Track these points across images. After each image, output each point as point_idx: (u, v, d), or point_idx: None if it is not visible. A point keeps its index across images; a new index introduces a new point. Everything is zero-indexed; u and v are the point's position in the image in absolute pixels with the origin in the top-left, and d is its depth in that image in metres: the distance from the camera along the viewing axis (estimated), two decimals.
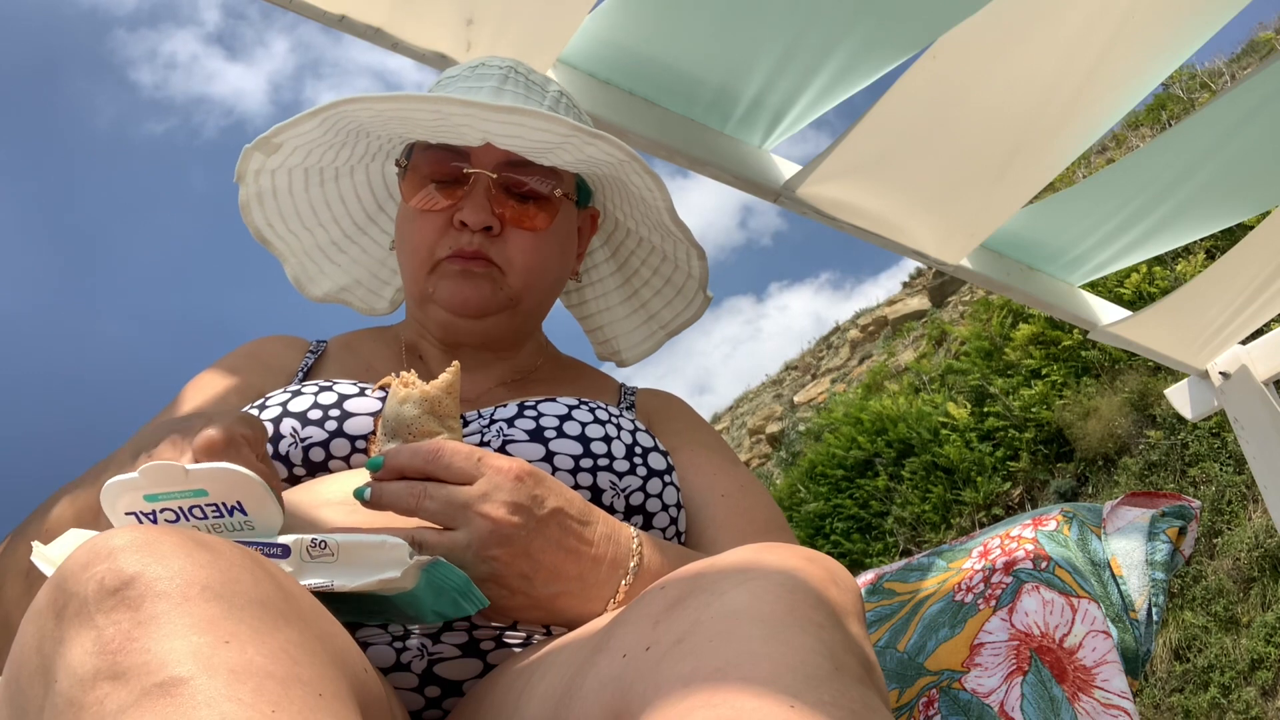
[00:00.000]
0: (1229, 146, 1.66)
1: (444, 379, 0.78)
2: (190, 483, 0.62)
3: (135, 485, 0.62)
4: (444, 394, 0.77)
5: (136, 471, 0.62)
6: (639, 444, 0.91)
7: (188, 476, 0.62)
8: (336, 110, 0.91)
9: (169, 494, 0.62)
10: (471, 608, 0.67)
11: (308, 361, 1.04)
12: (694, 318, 1.14)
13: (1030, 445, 6.74)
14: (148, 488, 0.62)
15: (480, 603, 0.67)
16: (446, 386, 0.78)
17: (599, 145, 0.92)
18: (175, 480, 0.62)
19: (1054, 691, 0.82)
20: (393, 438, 0.76)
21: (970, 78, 1.49)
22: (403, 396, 0.77)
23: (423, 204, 0.98)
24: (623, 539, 0.78)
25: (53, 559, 0.62)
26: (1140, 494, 1.04)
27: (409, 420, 0.76)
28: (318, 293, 1.17)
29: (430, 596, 0.65)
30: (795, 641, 0.50)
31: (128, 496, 0.63)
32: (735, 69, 1.41)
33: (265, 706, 0.44)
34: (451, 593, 0.66)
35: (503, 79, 0.99)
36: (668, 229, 1.05)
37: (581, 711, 0.55)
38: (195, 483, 0.62)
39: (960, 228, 1.77)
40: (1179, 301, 2.11)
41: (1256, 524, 5.13)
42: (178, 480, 0.62)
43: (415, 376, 0.79)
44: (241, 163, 1.01)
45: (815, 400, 10.87)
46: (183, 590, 0.48)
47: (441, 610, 0.66)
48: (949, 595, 0.96)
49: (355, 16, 1.19)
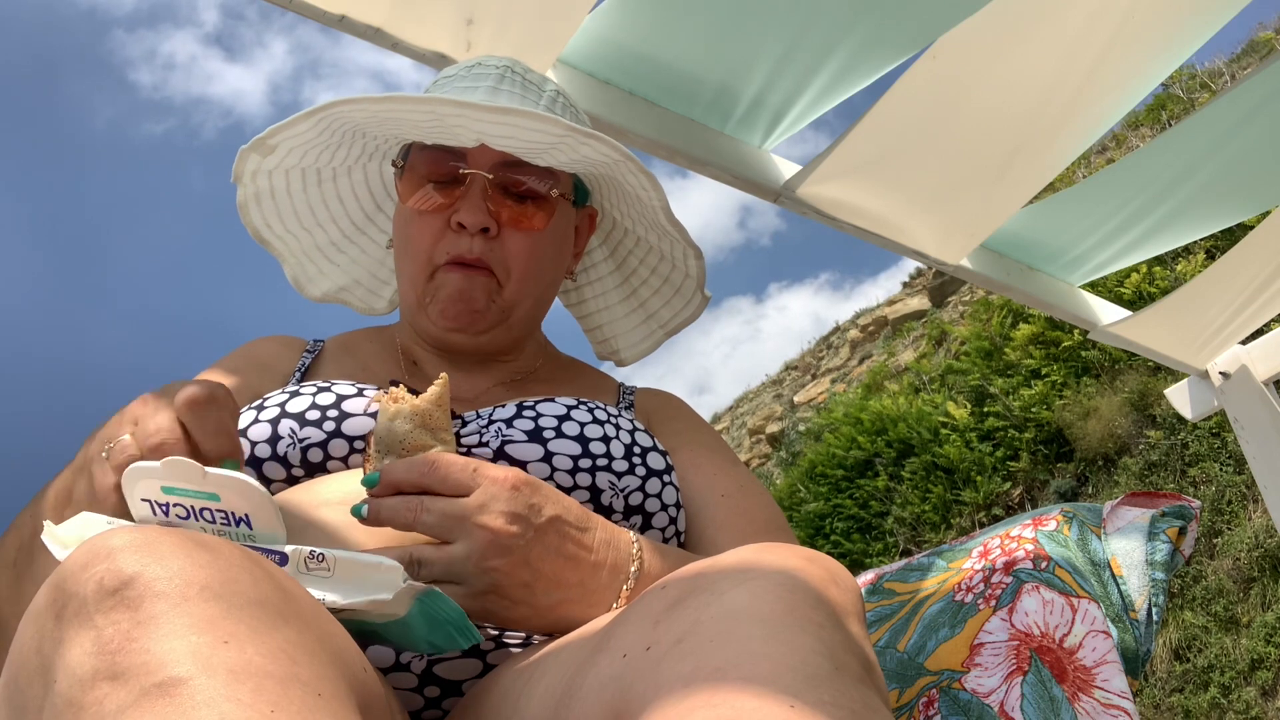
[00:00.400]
0: (1229, 146, 1.66)
1: (433, 392, 0.78)
2: (205, 485, 0.63)
3: (156, 474, 0.63)
4: (434, 407, 0.77)
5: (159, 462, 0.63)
6: (638, 444, 0.90)
7: (204, 479, 0.63)
8: (331, 111, 0.91)
9: (185, 490, 0.63)
10: (466, 642, 0.66)
11: (305, 361, 1.03)
12: (692, 317, 1.14)
13: (1030, 445, 6.73)
14: (166, 479, 0.63)
15: (475, 637, 0.67)
16: (435, 399, 0.78)
17: (593, 145, 0.91)
18: (192, 479, 0.63)
19: (1054, 691, 0.82)
20: (386, 454, 0.76)
21: (970, 78, 1.49)
22: (393, 413, 0.77)
23: (419, 205, 0.98)
24: (622, 544, 0.77)
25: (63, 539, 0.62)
26: (1140, 494, 1.04)
27: (401, 435, 0.76)
28: (316, 293, 1.17)
29: (424, 627, 0.65)
30: (795, 641, 0.50)
31: (146, 483, 0.63)
32: (735, 69, 1.41)
33: (264, 706, 0.44)
34: (446, 625, 0.65)
35: (499, 79, 0.98)
36: (664, 229, 1.05)
37: (581, 711, 0.55)
38: (210, 486, 0.63)
39: (960, 228, 1.77)
40: (1179, 301, 2.11)
41: (1256, 524, 5.12)
42: (194, 480, 0.63)
43: (404, 391, 0.78)
44: (238, 164, 1.01)
45: (815, 400, 10.87)
46: (182, 590, 0.48)
47: (435, 642, 0.66)
48: (949, 595, 0.96)
49: (355, 16, 1.19)
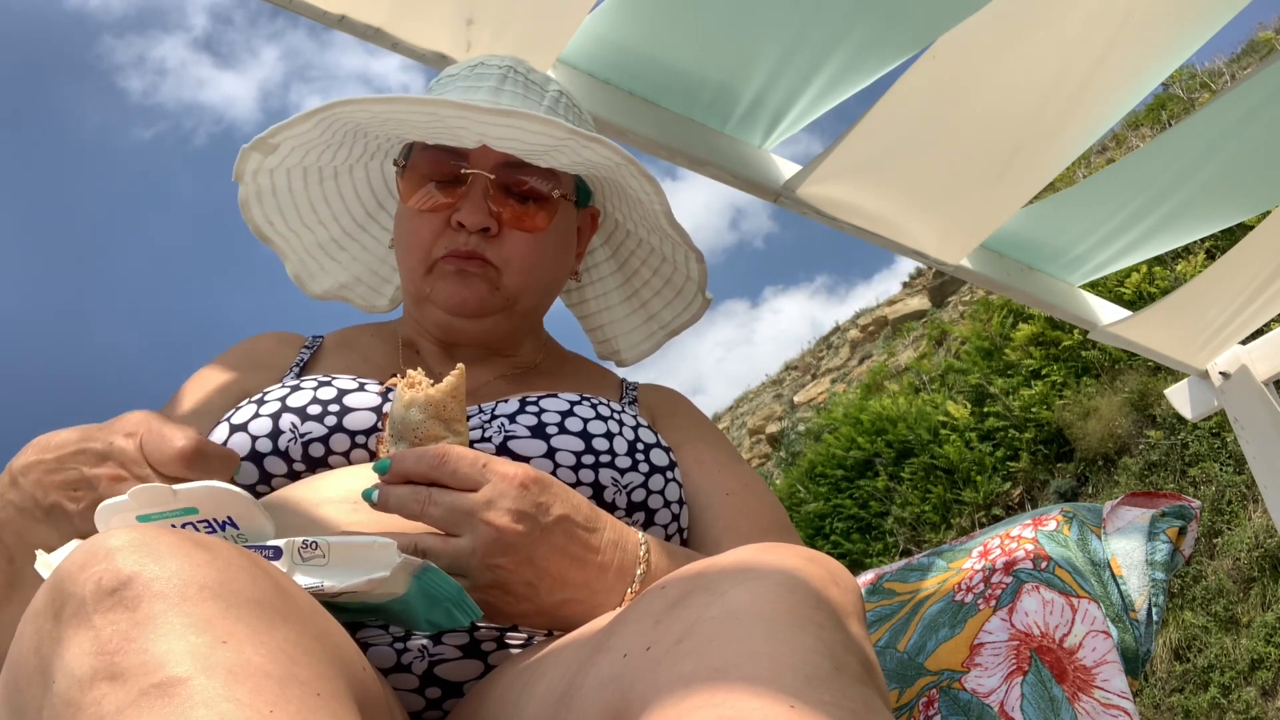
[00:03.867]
0: (1229, 146, 1.66)
1: (448, 382, 0.77)
2: (179, 502, 0.63)
3: (126, 507, 0.63)
4: (448, 398, 0.77)
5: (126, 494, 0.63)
6: (641, 440, 0.90)
7: (176, 496, 0.63)
8: (333, 112, 0.90)
9: (161, 514, 0.63)
10: (465, 618, 0.66)
11: (303, 357, 1.03)
12: (693, 319, 1.14)
13: (1030, 445, 6.73)
14: (139, 509, 0.63)
15: (474, 613, 0.67)
16: (451, 390, 0.77)
17: (595, 149, 0.91)
18: (165, 501, 0.63)
19: (1054, 691, 0.82)
20: (399, 440, 0.76)
21: (970, 78, 1.49)
22: (408, 400, 0.76)
23: (421, 204, 0.98)
24: (630, 545, 0.77)
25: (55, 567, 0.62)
26: (1140, 494, 1.04)
27: (414, 425, 0.76)
28: (318, 290, 1.17)
29: (423, 605, 0.65)
30: (796, 641, 0.50)
31: (119, 518, 0.63)
32: (735, 69, 1.40)
33: (263, 706, 0.44)
34: (445, 602, 0.65)
35: (501, 79, 0.98)
36: (665, 232, 1.05)
37: (581, 711, 0.55)
38: (184, 501, 0.63)
39: (960, 228, 1.77)
40: (1179, 301, 2.11)
41: (1256, 524, 5.12)
42: (167, 501, 0.63)
43: (422, 375, 0.78)
44: (239, 162, 1.01)
45: (815, 400, 10.87)
46: (180, 590, 0.48)
47: (435, 620, 0.66)
48: (949, 595, 0.96)
49: (355, 16, 1.19)
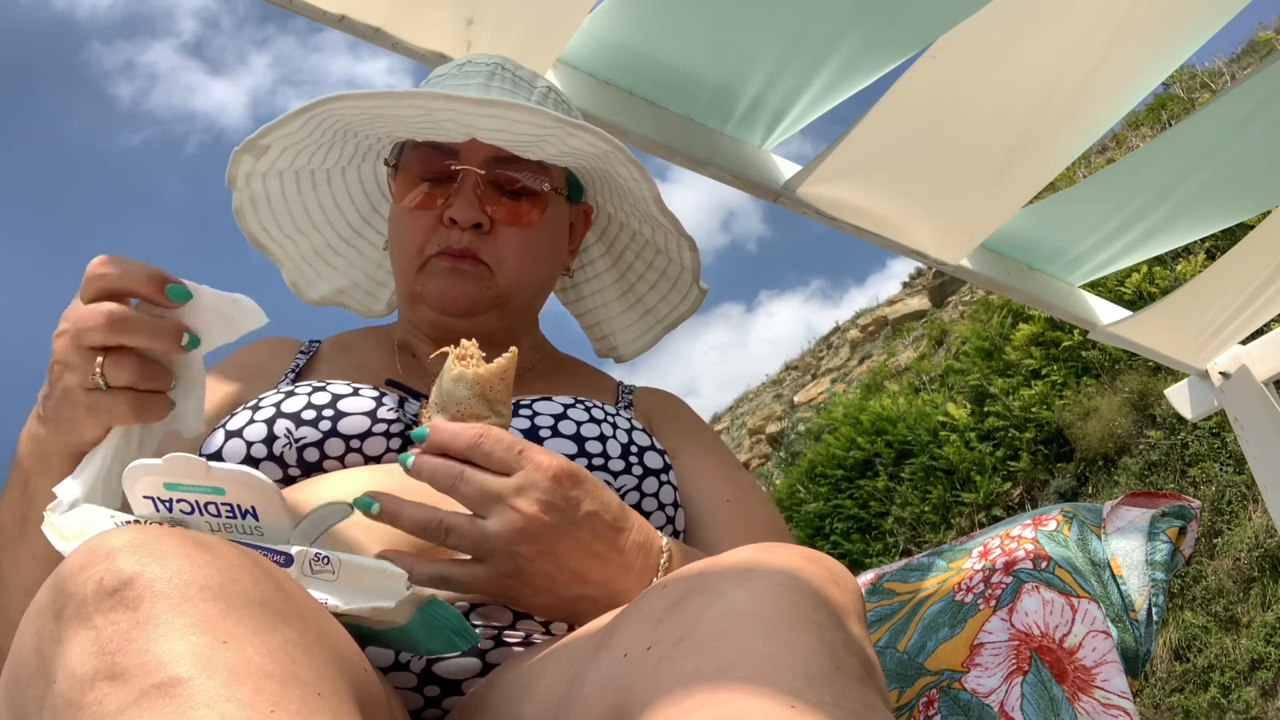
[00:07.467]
0: (1229, 146, 1.66)
1: (500, 363, 0.76)
2: (210, 479, 0.63)
3: (157, 470, 0.63)
4: (496, 378, 0.76)
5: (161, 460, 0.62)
6: (635, 443, 0.90)
7: (209, 473, 0.63)
8: (322, 109, 0.90)
9: (188, 486, 0.63)
10: (464, 644, 0.66)
11: (299, 362, 1.03)
12: (690, 311, 1.14)
13: (1030, 445, 6.73)
14: (169, 476, 0.63)
15: (474, 640, 0.67)
16: (501, 371, 0.76)
17: (581, 136, 0.91)
18: (196, 474, 0.62)
19: (1054, 691, 0.82)
20: (441, 410, 0.75)
21: (970, 78, 1.49)
22: (456, 375, 0.75)
23: (413, 202, 0.98)
24: (653, 551, 0.76)
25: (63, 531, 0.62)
26: (1140, 494, 1.04)
27: (458, 400, 0.75)
28: (315, 296, 1.17)
29: (424, 633, 0.65)
30: (796, 641, 0.50)
31: (147, 480, 0.63)
32: (735, 69, 1.41)
33: (264, 706, 0.44)
34: (446, 631, 0.65)
35: (489, 75, 0.98)
36: (657, 220, 1.05)
37: (582, 711, 0.55)
38: (215, 480, 0.63)
39: (960, 228, 1.78)
40: (1179, 301, 2.11)
41: (1256, 524, 5.12)
42: (199, 475, 0.63)
43: (475, 347, 0.77)
44: (231, 166, 1.00)
45: (815, 400, 10.87)
46: (181, 590, 0.48)
47: (434, 647, 0.66)
48: (949, 595, 0.96)
49: (355, 16, 1.19)
